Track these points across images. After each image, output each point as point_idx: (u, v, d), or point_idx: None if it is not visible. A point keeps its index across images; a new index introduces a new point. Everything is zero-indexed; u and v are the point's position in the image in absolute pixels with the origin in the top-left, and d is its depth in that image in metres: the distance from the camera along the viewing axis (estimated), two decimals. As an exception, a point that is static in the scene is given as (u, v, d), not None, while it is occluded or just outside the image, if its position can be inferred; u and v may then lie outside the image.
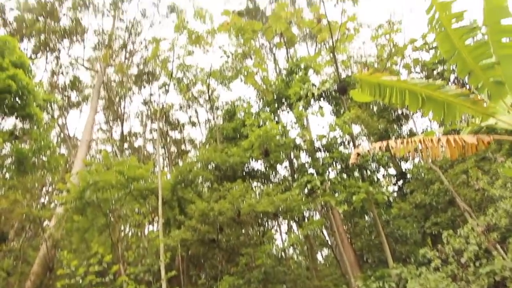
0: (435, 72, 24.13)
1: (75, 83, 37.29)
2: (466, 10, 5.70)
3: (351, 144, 20.92)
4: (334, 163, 18.79)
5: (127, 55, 37.49)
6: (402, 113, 25.51)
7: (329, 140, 19.52)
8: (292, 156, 21.17)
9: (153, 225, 25.98)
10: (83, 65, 37.09)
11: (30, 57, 32.83)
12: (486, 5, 5.44)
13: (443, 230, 14.46)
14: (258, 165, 22.23)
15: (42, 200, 33.32)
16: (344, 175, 18.38)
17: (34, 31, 33.37)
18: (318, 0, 26.70)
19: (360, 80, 7.01)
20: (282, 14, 22.53)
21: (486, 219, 13.00)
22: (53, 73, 37.06)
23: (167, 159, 36.12)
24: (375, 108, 26.72)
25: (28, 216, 22.52)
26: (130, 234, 24.77)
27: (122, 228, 22.79)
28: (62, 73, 37.58)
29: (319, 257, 30.31)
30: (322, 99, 22.60)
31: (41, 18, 33.95)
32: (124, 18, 38.79)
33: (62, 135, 35.68)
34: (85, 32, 36.60)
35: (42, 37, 34.03)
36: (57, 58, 36.65)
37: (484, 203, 16.47)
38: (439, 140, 5.91)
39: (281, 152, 19.81)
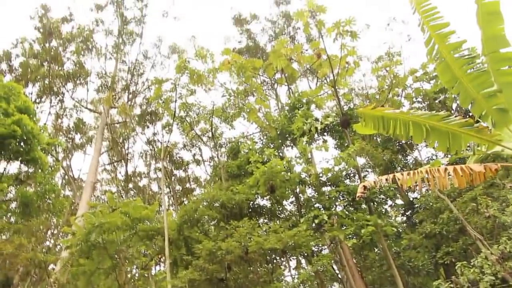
0: (437, 101, 24.26)
1: (79, 125, 37.72)
2: (465, 40, 5.77)
3: (356, 176, 20.83)
4: (340, 196, 18.63)
5: (130, 96, 38.01)
6: (406, 143, 25.49)
7: (335, 173, 19.42)
8: (298, 191, 21.02)
9: (160, 266, 25.62)
10: (86, 108, 37.58)
11: (35, 101, 33.35)
12: (484, 35, 5.52)
13: (456, 259, 14.19)
14: (264, 201, 22.08)
15: (47, 243, 33.13)
16: (351, 208, 18.20)
17: (39, 76, 34.07)
18: (317, 36, 27.12)
19: (363, 114, 7.04)
20: (282, 50, 22.80)
21: (500, 248, 12.73)
22: (57, 116, 37.54)
23: (172, 198, 35.99)
24: (378, 139, 26.74)
25: (33, 261, 22.24)
26: (137, 275, 24.40)
27: (129, 269, 22.47)
28: (66, 115, 38.18)
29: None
30: (325, 133, 22.67)
31: (45, 63, 34.67)
32: (127, 60, 39.63)
33: (66, 177, 35.77)
34: (88, 75, 37.30)
35: (47, 81, 34.66)
36: (61, 101, 37.24)
37: (496, 231, 16.20)
38: (446, 169, 5.86)
39: (287, 188, 19.68)
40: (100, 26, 38.58)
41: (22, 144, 17.16)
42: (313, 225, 17.37)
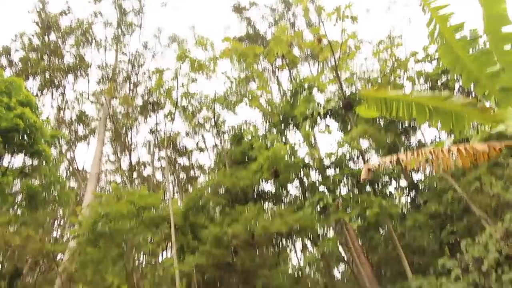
0: (439, 82, 24.14)
1: (81, 117, 37.73)
2: (466, 21, 5.77)
3: (360, 159, 20.86)
4: (344, 179, 18.70)
5: (131, 86, 37.94)
6: (409, 124, 25.44)
7: (338, 157, 19.45)
8: (302, 175, 21.09)
9: (167, 252, 25.88)
10: (88, 99, 37.57)
11: (36, 95, 33.34)
12: (485, 14, 5.52)
13: (460, 238, 14.25)
14: (268, 186, 22.20)
15: (54, 234, 33.42)
16: (356, 191, 18.27)
17: (39, 70, 33.98)
18: (317, 21, 26.97)
19: (366, 96, 7.06)
20: (282, 37, 22.70)
21: (504, 225, 12.82)
22: (60, 108, 37.55)
23: (176, 186, 36.15)
24: (381, 122, 26.69)
25: (42, 251, 22.51)
26: (144, 262, 24.65)
27: (136, 257, 22.70)
28: (68, 108, 38.12)
29: (336, 273, 29.97)
30: (328, 117, 22.65)
31: (45, 57, 34.60)
32: (127, 51, 39.50)
33: (71, 168, 35.94)
34: (88, 67, 37.21)
35: (47, 74, 34.60)
36: (63, 94, 37.24)
37: (500, 209, 16.26)
38: (449, 150, 5.89)
39: (291, 172, 19.74)
40: (99, 18, 38.40)
41: (25, 137, 17.19)
42: (318, 208, 17.48)
